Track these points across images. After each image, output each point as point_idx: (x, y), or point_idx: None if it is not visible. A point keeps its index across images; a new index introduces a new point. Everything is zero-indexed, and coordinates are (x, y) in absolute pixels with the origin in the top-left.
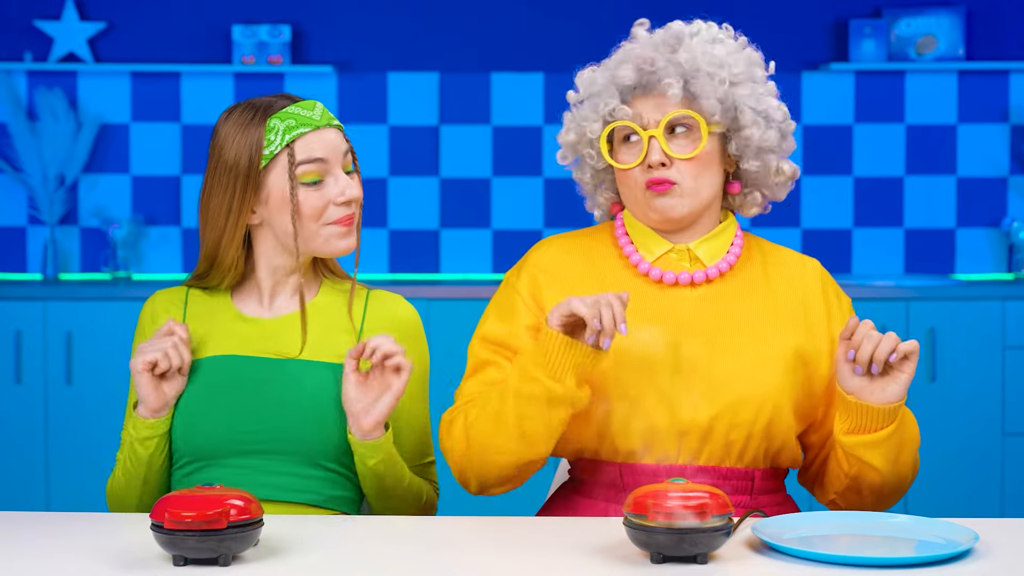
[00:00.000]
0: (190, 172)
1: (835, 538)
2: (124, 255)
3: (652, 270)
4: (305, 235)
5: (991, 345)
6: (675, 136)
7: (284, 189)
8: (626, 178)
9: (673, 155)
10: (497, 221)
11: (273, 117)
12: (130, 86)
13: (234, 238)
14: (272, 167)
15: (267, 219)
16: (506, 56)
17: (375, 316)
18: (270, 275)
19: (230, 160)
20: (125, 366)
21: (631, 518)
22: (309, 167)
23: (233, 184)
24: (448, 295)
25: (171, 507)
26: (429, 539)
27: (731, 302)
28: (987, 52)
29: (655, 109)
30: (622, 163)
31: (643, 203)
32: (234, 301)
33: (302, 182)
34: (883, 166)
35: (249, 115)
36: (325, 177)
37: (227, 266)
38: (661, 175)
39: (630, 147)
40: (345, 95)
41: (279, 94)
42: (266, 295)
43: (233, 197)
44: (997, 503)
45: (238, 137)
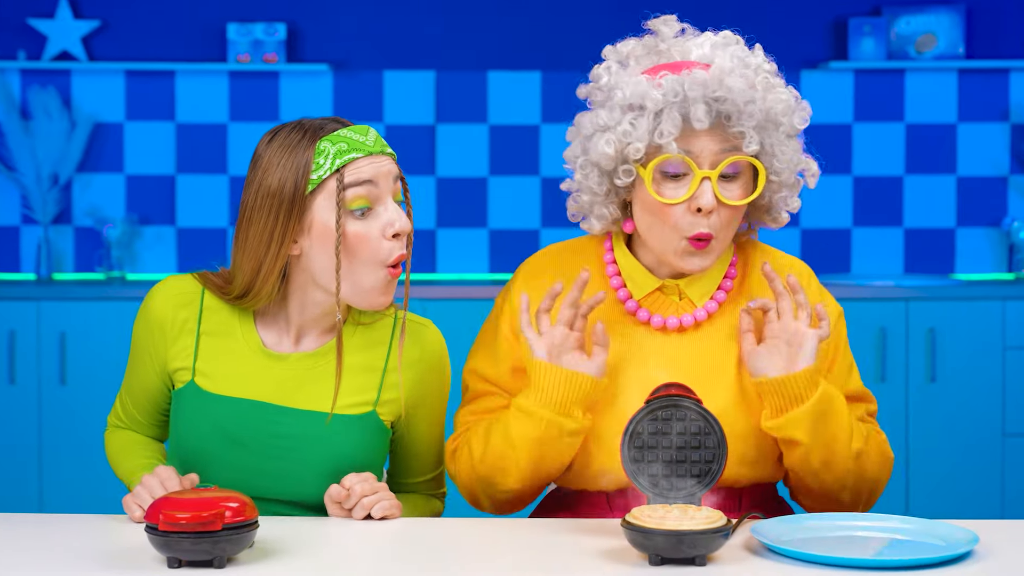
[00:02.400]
0: (185, 171)
1: (834, 540)
2: (118, 255)
3: (640, 311)
4: (347, 273)
5: (991, 345)
6: (723, 178)
7: (330, 218)
8: (665, 214)
9: (725, 201)
10: (494, 221)
11: (324, 140)
12: (124, 85)
13: (274, 269)
14: (318, 192)
15: (307, 251)
16: (503, 54)
17: (404, 356)
18: (301, 311)
19: (274, 185)
20: (120, 367)
21: (629, 520)
22: (358, 191)
23: (276, 211)
24: (445, 295)
25: (165, 509)
26: (426, 540)
27: (718, 343)
28: (987, 50)
29: (714, 147)
30: (667, 198)
31: (674, 250)
32: (257, 325)
33: (349, 209)
34: (882, 165)
35: (297, 136)
36: (374, 206)
37: (264, 296)
38: (704, 229)
39: (676, 182)
40: (340, 94)
41: (329, 117)
42: (292, 330)
43: (276, 225)
44: (997, 504)
45: (284, 160)
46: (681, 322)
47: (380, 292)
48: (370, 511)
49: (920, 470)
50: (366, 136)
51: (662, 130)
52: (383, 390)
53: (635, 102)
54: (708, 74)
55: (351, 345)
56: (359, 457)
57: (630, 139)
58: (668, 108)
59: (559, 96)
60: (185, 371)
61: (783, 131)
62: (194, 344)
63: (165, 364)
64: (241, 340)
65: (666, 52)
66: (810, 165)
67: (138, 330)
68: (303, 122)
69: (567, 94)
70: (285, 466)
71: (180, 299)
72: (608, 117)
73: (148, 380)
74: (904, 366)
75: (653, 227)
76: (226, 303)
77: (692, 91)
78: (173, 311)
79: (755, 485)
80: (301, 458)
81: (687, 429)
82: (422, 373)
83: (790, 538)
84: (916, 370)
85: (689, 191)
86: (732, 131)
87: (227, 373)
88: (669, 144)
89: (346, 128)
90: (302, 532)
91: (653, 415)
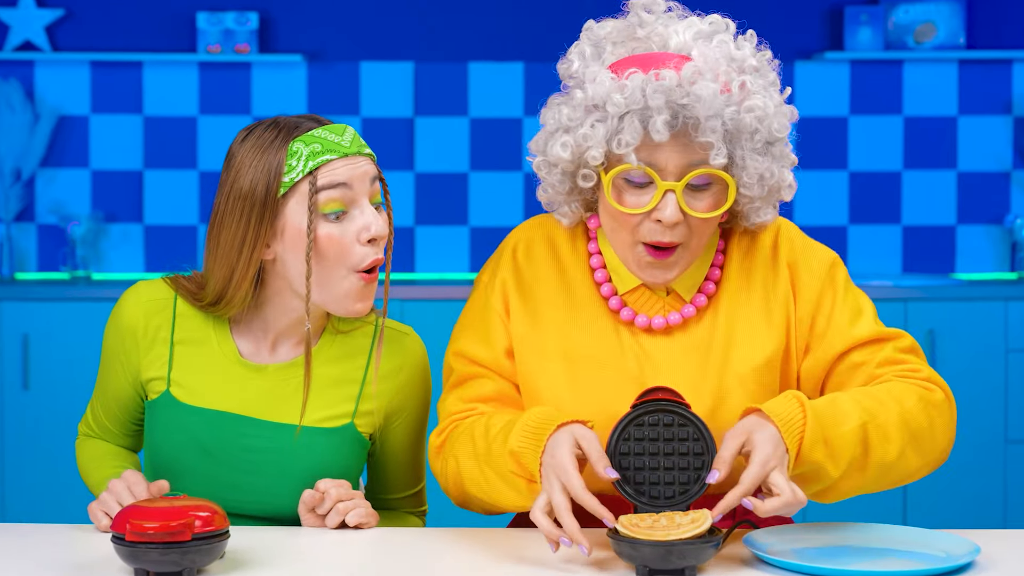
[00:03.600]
0: (153, 167)
1: (829, 551)
2: (83, 254)
3: (623, 310)
4: (320, 279)
5: (993, 348)
6: (691, 189)
7: (302, 222)
8: (625, 222)
9: (691, 213)
10: (475, 218)
11: (297, 140)
12: (89, 76)
13: (247, 275)
14: (291, 195)
15: (281, 256)
16: (484, 45)
17: (382, 364)
18: (277, 319)
19: (245, 186)
20: (85, 370)
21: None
22: (331, 194)
23: (248, 214)
24: (423, 295)
25: (133, 518)
26: (404, 551)
27: (703, 339)
28: (989, 40)
29: (680, 157)
30: (628, 207)
31: (633, 258)
32: (233, 333)
33: (322, 213)
34: (880, 160)
35: (271, 136)
36: (349, 209)
37: (236, 303)
38: (668, 239)
39: (640, 190)
40: (315, 86)
41: (306, 115)
42: (269, 338)
43: (247, 229)
44: (999, 513)
45: (256, 161)
46: (668, 321)
47: (355, 298)
48: (344, 518)
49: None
50: (342, 136)
51: (620, 139)
52: (361, 402)
53: (598, 103)
54: (678, 77)
55: (329, 355)
56: (335, 471)
57: (589, 143)
58: (629, 115)
59: (542, 88)
60: (159, 381)
61: (758, 139)
62: (168, 353)
63: (138, 374)
64: (217, 349)
65: (644, 39)
66: (785, 176)
67: (109, 338)
68: (278, 120)
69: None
70: (259, 480)
71: (152, 306)
72: (570, 116)
73: (120, 389)
74: None
75: (615, 232)
76: (199, 310)
77: (654, 99)
78: (145, 318)
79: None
80: (276, 471)
81: (675, 435)
82: (402, 384)
83: (783, 548)
84: None
85: (652, 202)
86: (699, 140)
87: (202, 384)
88: (628, 155)
89: (322, 128)
90: (274, 542)
91: (640, 421)
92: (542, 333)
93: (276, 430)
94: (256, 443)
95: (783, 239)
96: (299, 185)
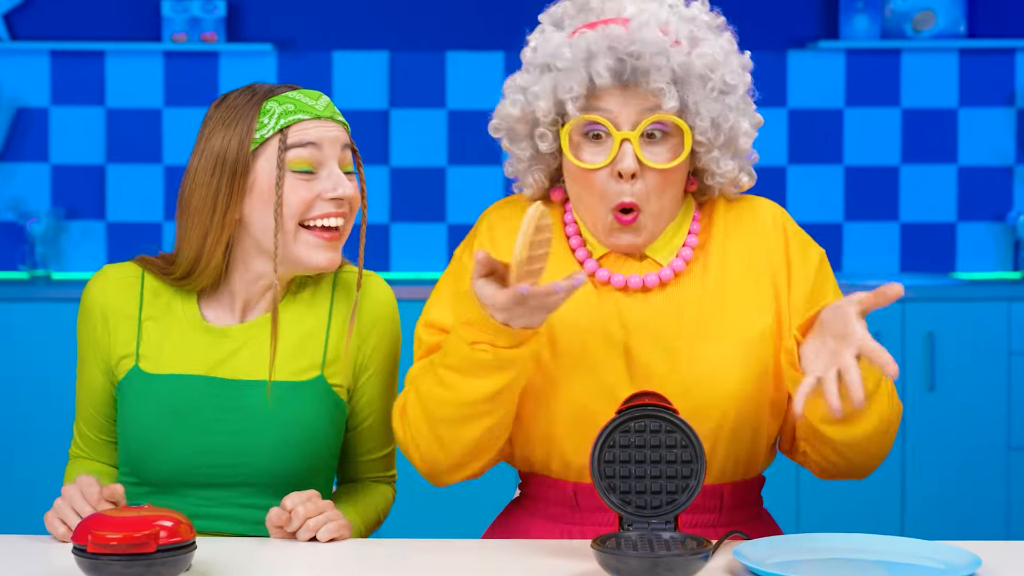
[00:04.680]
0: (115, 161)
1: (823, 563)
2: (43, 252)
3: (599, 271)
4: (286, 236)
5: (995, 350)
6: (648, 140)
7: (271, 178)
8: (587, 182)
9: (648, 163)
10: (453, 214)
11: (271, 100)
12: (49, 66)
13: (221, 237)
14: (261, 152)
15: (248, 213)
16: (463, 33)
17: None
18: (247, 284)
19: (218, 145)
20: (44, 373)
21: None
22: (301, 152)
23: (220, 171)
24: (399, 295)
25: (95, 528)
26: (373, 563)
27: (688, 302)
28: (991, 28)
29: (632, 107)
30: (586, 163)
31: (603, 225)
32: (200, 305)
33: (291, 170)
34: (877, 154)
35: (245, 98)
36: (318, 170)
37: (210, 271)
38: (627, 198)
39: (595, 145)
40: (285, 76)
41: (284, 84)
42: (238, 305)
43: (220, 186)
44: (1002, 524)
45: (229, 120)
46: (644, 282)
47: (320, 248)
48: (316, 534)
49: (917, 486)
50: (317, 100)
51: (567, 86)
52: (328, 350)
53: (548, 61)
54: (619, 28)
55: (292, 314)
56: (311, 426)
57: (538, 99)
58: (575, 66)
59: None
60: (128, 358)
61: (711, 87)
62: (136, 329)
63: (109, 356)
64: (183, 319)
65: (598, 9)
66: (740, 123)
67: (80, 327)
68: (254, 86)
69: None
70: (235, 441)
71: (119, 283)
72: (524, 79)
73: (96, 384)
74: (901, 373)
75: (581, 197)
76: (169, 284)
77: (596, 45)
78: (114, 296)
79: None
80: (251, 430)
81: (662, 442)
82: (369, 325)
83: (775, 560)
84: (913, 377)
85: (610, 155)
86: (650, 88)
87: (170, 352)
88: (575, 102)
89: (297, 91)
90: (242, 554)
91: (625, 427)
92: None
93: (247, 388)
94: (228, 403)
95: (779, 220)
96: (270, 141)
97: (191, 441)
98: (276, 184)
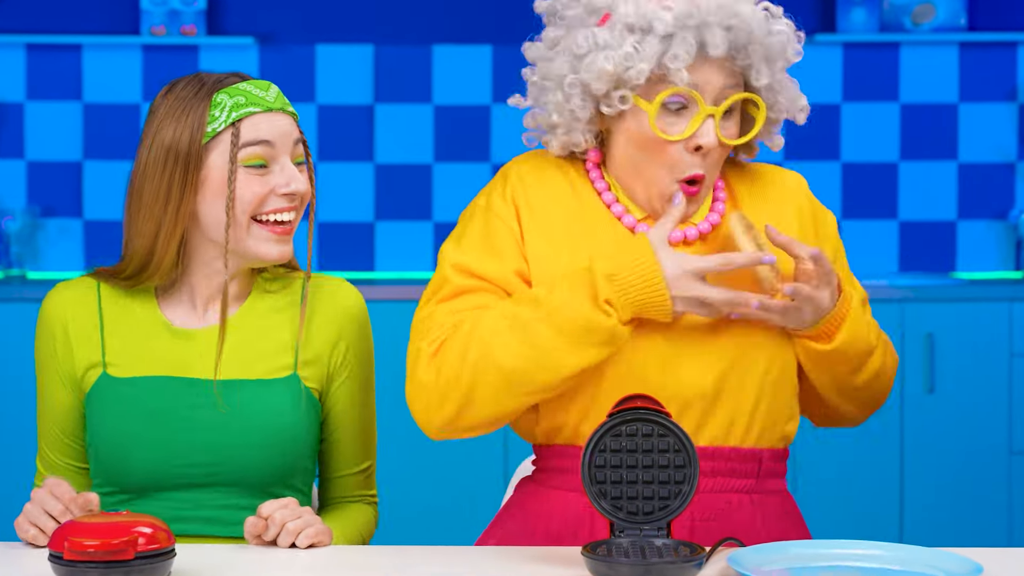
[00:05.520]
0: (93, 157)
1: (820, 571)
2: (18, 251)
3: (639, 226)
4: (238, 231)
5: (996, 352)
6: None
7: (223, 172)
8: (659, 151)
9: (723, 139)
10: (439, 212)
11: (221, 92)
12: (25, 60)
13: (174, 232)
14: (213, 146)
15: (200, 208)
16: (449, 27)
17: (320, 314)
18: (206, 280)
19: (168, 138)
20: (19, 375)
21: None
22: (253, 149)
23: (173, 165)
24: (384, 296)
25: (71, 535)
26: (357, 570)
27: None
28: (992, 21)
29: (718, 80)
30: (667, 134)
31: (661, 193)
32: (160, 306)
33: (244, 165)
34: (875, 151)
35: (194, 89)
36: (270, 164)
37: (165, 267)
38: (699, 170)
39: (676, 117)
40: (268, 70)
41: (231, 72)
42: (199, 303)
43: (172, 182)
44: (1004, 530)
45: (179, 112)
46: (685, 235)
47: (271, 242)
48: (295, 539)
49: (916, 491)
50: (267, 92)
51: (675, 53)
52: (301, 349)
53: (640, 23)
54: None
55: (262, 309)
56: (285, 423)
57: (632, 62)
58: (681, 31)
59: (512, 73)
60: (95, 367)
61: (780, 65)
62: (100, 339)
63: (73, 369)
64: (145, 322)
65: None
66: (801, 99)
67: (40, 348)
68: (201, 75)
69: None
70: (212, 437)
71: (75, 296)
72: (608, 37)
73: (60, 403)
74: (899, 375)
75: (642, 164)
76: (124, 288)
77: (709, 15)
78: (72, 308)
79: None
80: (227, 427)
81: (654, 446)
82: (339, 330)
83: (770, 568)
84: (912, 379)
85: (691, 128)
86: (740, 64)
87: (137, 355)
88: (679, 72)
89: (246, 82)
90: (223, 560)
91: (616, 431)
92: (560, 253)
93: (219, 386)
94: (199, 400)
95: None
96: (222, 136)
97: (165, 442)
98: (228, 179)
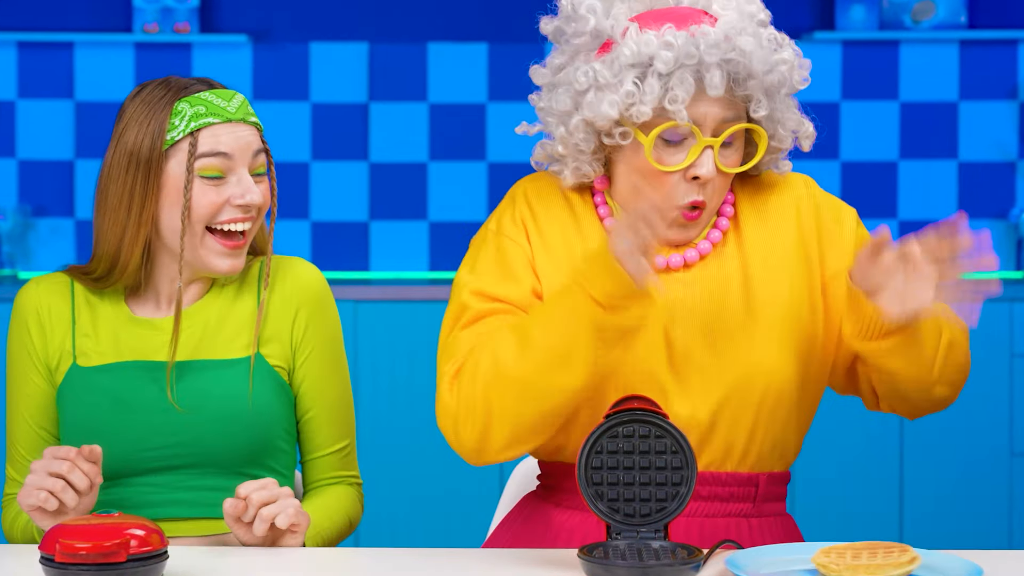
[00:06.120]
0: (85, 156)
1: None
2: (9, 250)
3: None
4: (193, 239)
5: (997, 352)
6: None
7: (180, 181)
8: (658, 181)
9: (723, 169)
10: (435, 212)
11: (183, 100)
12: (16, 58)
13: (137, 236)
14: (172, 154)
15: (157, 213)
16: (445, 24)
17: (278, 292)
18: (170, 284)
19: (131, 142)
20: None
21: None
22: (210, 160)
23: (135, 170)
24: (379, 296)
25: (63, 537)
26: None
27: (725, 279)
28: (992, 19)
29: (717, 112)
30: (664, 165)
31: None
32: (128, 303)
33: (200, 175)
34: (874, 149)
35: (159, 94)
36: (227, 175)
37: (131, 270)
38: (698, 197)
39: (675, 148)
40: (261, 68)
41: (200, 78)
42: (164, 302)
43: (135, 186)
44: (1004, 532)
45: (143, 117)
46: (685, 259)
47: (222, 255)
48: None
49: (916, 493)
50: (229, 102)
51: (675, 95)
52: (261, 327)
53: (641, 61)
54: (719, 33)
55: (223, 297)
56: (253, 401)
57: (633, 100)
58: (680, 71)
59: (508, 71)
60: (66, 358)
61: (784, 92)
62: (71, 330)
63: (47, 358)
64: (113, 317)
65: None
66: (805, 126)
67: (14, 341)
68: (170, 79)
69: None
70: (179, 419)
71: (51, 287)
72: (608, 74)
73: (38, 394)
74: None
75: (641, 193)
76: (92, 288)
77: (708, 55)
78: (47, 298)
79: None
80: (193, 407)
81: (652, 448)
82: (297, 306)
83: (769, 571)
84: None
85: (688, 159)
86: (739, 95)
87: (105, 344)
88: (679, 111)
89: (211, 91)
90: (216, 563)
91: (613, 432)
92: (562, 274)
93: (185, 369)
94: (163, 382)
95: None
96: (180, 144)
97: (136, 426)
98: (184, 188)
